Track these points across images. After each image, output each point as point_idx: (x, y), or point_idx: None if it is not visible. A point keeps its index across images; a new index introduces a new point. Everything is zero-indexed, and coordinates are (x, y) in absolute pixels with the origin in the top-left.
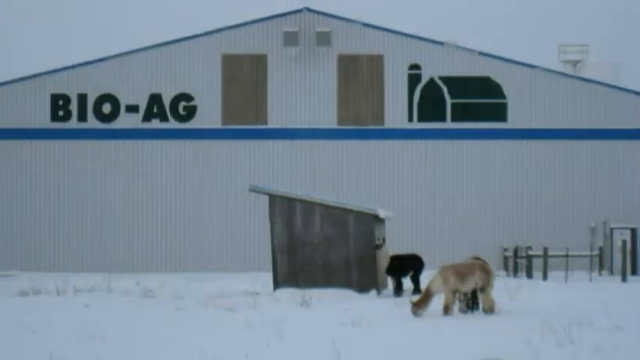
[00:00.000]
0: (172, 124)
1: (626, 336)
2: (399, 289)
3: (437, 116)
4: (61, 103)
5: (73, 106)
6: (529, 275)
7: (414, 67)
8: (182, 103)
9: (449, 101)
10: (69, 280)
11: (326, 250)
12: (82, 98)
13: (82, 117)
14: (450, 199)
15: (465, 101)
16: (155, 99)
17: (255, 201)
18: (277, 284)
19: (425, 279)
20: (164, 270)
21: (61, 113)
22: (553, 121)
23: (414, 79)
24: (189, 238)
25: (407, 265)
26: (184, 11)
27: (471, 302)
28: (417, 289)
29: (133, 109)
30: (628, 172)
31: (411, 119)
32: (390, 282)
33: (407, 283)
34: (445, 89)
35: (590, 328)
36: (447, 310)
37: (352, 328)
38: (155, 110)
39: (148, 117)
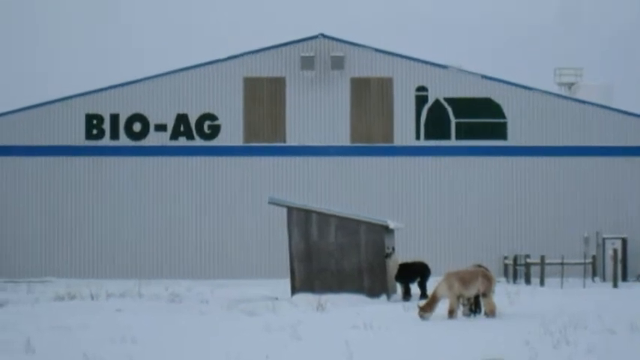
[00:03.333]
0: (198, 141)
1: (618, 338)
2: (407, 295)
3: (442, 135)
4: (94, 122)
5: (106, 125)
6: (527, 281)
7: (421, 89)
8: (207, 123)
9: (453, 121)
10: (102, 285)
11: (340, 258)
12: (114, 118)
13: (114, 135)
14: (454, 211)
15: (468, 121)
16: (182, 119)
17: (274, 212)
18: (295, 290)
19: (431, 285)
20: (191, 276)
21: (94, 132)
22: (549, 139)
23: (421, 100)
24: (214, 247)
25: (414, 272)
26: (209, 38)
27: (474, 306)
28: (423, 295)
29: (161, 127)
30: (619, 185)
31: (418, 137)
32: (399, 288)
33: (414, 288)
34: (450, 109)
35: (585, 330)
36: (451, 313)
37: (364, 331)
38: (182, 129)
39: (175, 135)
